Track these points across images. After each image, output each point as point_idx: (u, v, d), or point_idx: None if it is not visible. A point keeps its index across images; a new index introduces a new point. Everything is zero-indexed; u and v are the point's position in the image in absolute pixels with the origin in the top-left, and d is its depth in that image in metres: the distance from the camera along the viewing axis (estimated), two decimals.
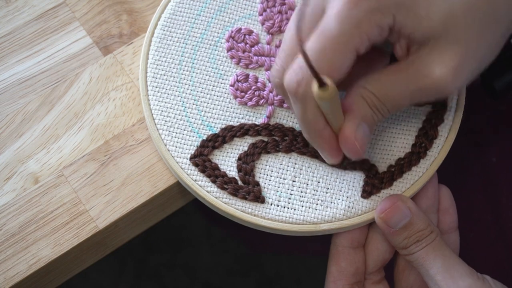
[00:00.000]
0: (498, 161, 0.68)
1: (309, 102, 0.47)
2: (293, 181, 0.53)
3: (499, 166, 0.68)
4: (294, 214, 0.52)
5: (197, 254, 1.11)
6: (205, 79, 0.55)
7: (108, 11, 0.59)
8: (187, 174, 0.53)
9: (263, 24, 0.57)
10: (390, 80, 0.48)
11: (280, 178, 0.53)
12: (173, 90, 0.55)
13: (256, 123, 0.54)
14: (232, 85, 0.55)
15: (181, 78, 0.55)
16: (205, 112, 0.54)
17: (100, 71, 0.57)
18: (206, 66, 0.56)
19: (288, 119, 0.54)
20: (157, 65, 0.56)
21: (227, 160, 0.53)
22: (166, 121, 0.54)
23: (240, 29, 0.57)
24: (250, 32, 0.57)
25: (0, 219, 0.53)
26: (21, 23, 0.59)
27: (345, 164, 0.53)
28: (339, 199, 0.52)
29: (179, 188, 0.55)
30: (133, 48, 0.58)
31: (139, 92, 0.56)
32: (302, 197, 0.52)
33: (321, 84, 0.42)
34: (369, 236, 0.53)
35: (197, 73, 0.56)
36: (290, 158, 0.53)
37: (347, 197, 0.52)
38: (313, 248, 0.77)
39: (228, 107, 0.55)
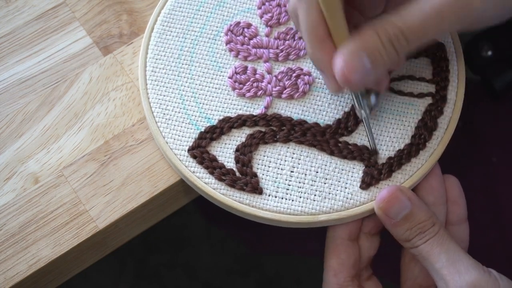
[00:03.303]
0: (498, 161, 0.68)
1: (313, 3, 0.46)
2: (291, 171, 0.53)
3: (499, 166, 0.68)
4: (292, 205, 0.52)
5: (197, 254, 1.11)
6: (203, 72, 0.56)
7: (108, 11, 0.59)
8: (185, 166, 0.53)
9: (261, 17, 0.57)
10: (410, 7, 0.45)
11: (278, 168, 0.53)
12: (171, 84, 0.55)
13: (254, 113, 0.54)
14: (230, 77, 0.55)
15: (180, 72, 0.56)
16: (204, 104, 0.55)
17: (100, 71, 0.57)
18: (205, 59, 0.56)
19: (286, 109, 0.54)
20: (156, 59, 0.56)
21: (225, 152, 0.53)
22: (164, 114, 0.54)
23: (239, 22, 0.57)
24: (249, 25, 0.57)
25: (0, 219, 0.53)
26: (21, 23, 0.59)
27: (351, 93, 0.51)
28: (337, 190, 0.52)
29: (179, 188, 0.55)
30: (133, 48, 0.58)
31: (139, 92, 0.56)
32: (300, 187, 0.52)
33: None
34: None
35: (195, 66, 0.56)
36: (288, 148, 0.53)
37: (346, 188, 0.52)
38: (313, 248, 0.77)
39: (226, 99, 0.55)
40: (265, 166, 0.53)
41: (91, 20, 0.59)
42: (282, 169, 0.53)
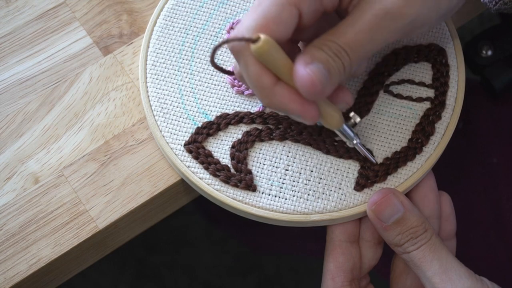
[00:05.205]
0: (499, 162, 0.68)
1: (247, 57, 0.45)
2: (286, 169, 0.53)
3: (500, 167, 0.68)
4: (285, 203, 0.52)
5: (197, 254, 1.11)
6: (203, 68, 0.56)
7: (108, 11, 0.59)
8: (181, 161, 0.53)
9: None
10: (343, 26, 0.46)
11: (273, 166, 0.53)
12: (171, 78, 0.55)
13: (251, 111, 0.54)
14: None
15: (180, 67, 0.56)
16: (202, 100, 0.55)
17: (100, 71, 0.57)
18: (205, 56, 0.56)
19: None
20: (157, 53, 0.56)
21: (221, 148, 0.53)
22: (162, 107, 0.54)
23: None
24: None
25: (0, 219, 0.53)
26: (21, 23, 0.59)
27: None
28: (331, 190, 0.52)
29: (179, 188, 0.55)
30: (133, 48, 0.58)
31: (139, 91, 0.56)
32: (294, 186, 0.52)
33: (253, 41, 0.43)
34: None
35: (196, 62, 0.56)
36: (284, 146, 0.53)
37: (340, 188, 0.52)
38: (313, 248, 0.77)
39: (224, 96, 0.55)
40: (260, 163, 0.53)
41: (91, 20, 0.59)
42: (277, 167, 0.53)
